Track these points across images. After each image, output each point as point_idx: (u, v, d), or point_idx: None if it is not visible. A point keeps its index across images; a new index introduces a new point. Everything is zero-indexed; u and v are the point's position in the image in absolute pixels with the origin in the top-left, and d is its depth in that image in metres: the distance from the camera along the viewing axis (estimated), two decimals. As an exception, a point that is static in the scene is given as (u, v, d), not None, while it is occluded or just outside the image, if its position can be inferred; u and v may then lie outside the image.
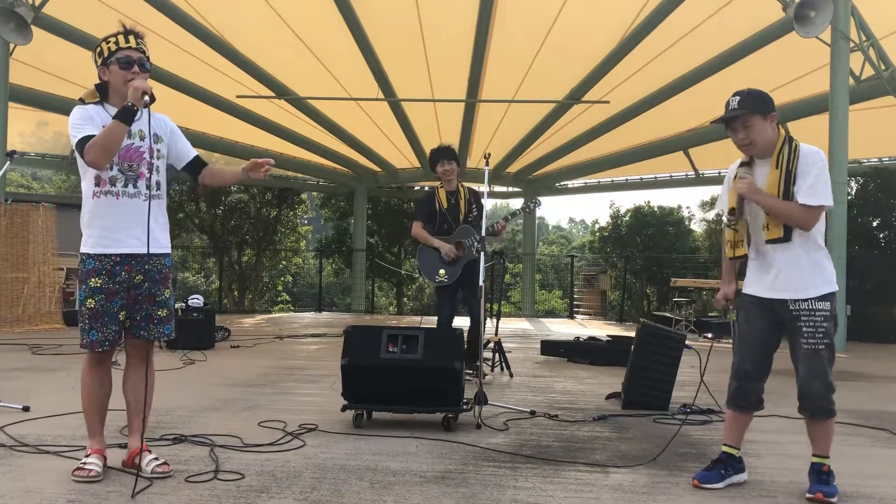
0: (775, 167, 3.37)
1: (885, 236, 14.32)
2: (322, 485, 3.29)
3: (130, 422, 3.48)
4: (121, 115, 3.19)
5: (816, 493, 3.24)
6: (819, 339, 3.30)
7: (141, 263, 3.34)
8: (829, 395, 3.32)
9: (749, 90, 3.42)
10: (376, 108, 15.79)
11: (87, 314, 3.31)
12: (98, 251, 3.29)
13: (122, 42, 3.36)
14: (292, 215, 24.02)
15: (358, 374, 4.54)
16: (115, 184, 3.30)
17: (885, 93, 12.09)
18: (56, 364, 7.09)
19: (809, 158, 3.34)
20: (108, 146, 3.20)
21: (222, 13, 12.58)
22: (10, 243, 11.05)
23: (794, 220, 3.32)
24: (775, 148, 3.40)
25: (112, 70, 3.35)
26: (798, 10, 10.18)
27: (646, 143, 17.60)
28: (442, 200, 6.43)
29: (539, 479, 3.47)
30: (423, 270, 6.53)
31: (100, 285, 3.29)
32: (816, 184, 3.30)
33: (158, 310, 3.40)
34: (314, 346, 9.94)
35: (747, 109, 3.35)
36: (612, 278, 21.75)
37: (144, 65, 3.38)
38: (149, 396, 3.41)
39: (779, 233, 3.35)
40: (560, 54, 13.48)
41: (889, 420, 5.19)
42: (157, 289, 3.39)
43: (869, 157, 16.18)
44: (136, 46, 3.38)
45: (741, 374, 3.47)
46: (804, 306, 3.32)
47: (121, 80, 3.33)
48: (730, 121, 3.40)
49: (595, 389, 6.38)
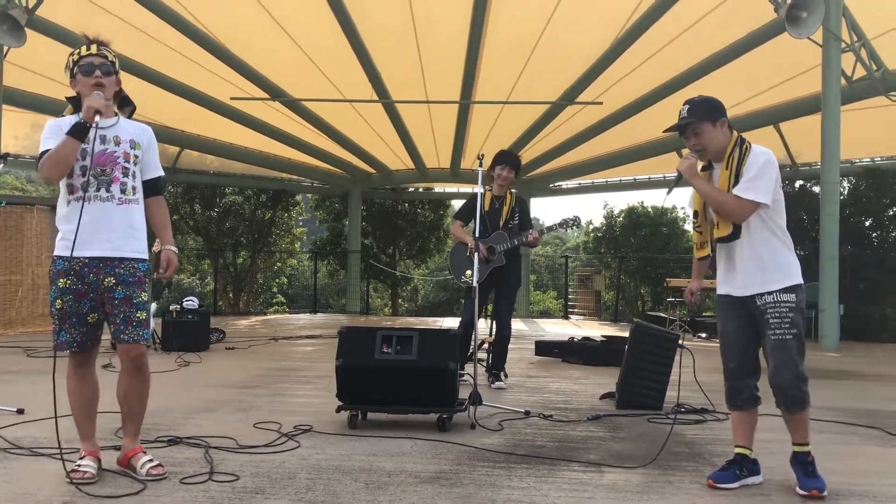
0: (725, 168, 3.50)
1: (877, 236, 14.39)
2: (317, 486, 3.30)
3: (124, 424, 3.50)
4: (73, 131, 3.23)
5: (812, 491, 3.27)
6: (786, 329, 3.35)
7: (111, 266, 3.33)
8: (800, 385, 3.34)
9: (700, 98, 3.59)
10: (370, 109, 15.79)
11: (56, 315, 3.34)
12: (67, 253, 3.28)
13: (83, 51, 3.40)
14: (287, 217, 24.00)
15: (353, 375, 4.55)
16: (88, 189, 3.30)
17: (876, 93, 12.15)
18: (50, 367, 7.06)
19: (755, 158, 3.44)
20: (59, 160, 3.24)
21: (216, 15, 12.57)
22: (4, 246, 11.03)
23: (727, 208, 3.43)
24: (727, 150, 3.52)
25: (78, 79, 3.39)
26: (790, 10, 10.23)
27: (639, 144, 17.65)
28: (485, 203, 6.41)
29: (534, 479, 3.49)
30: (452, 269, 6.71)
31: (68, 286, 3.30)
32: (756, 178, 3.39)
33: (137, 312, 3.36)
34: (309, 347, 9.94)
35: (696, 117, 3.51)
36: (606, 279, 21.79)
37: (106, 68, 3.39)
38: (137, 402, 3.43)
39: (727, 230, 3.47)
40: (553, 55, 13.51)
41: (881, 418, 5.22)
42: (132, 291, 3.36)
43: (861, 157, 16.25)
44: (98, 52, 3.40)
45: (729, 372, 3.56)
46: (769, 299, 3.39)
47: (87, 87, 3.35)
48: (681, 129, 3.57)
49: (589, 389, 6.40)
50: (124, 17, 11.92)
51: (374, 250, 24.57)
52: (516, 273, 6.53)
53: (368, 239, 24.48)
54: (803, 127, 13.71)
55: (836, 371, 8.23)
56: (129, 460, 3.38)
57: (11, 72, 12.40)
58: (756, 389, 3.54)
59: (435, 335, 4.70)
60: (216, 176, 21.10)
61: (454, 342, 4.65)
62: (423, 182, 23.07)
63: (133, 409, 3.45)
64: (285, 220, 24.02)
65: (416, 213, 25.22)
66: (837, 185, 11.27)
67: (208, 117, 15.87)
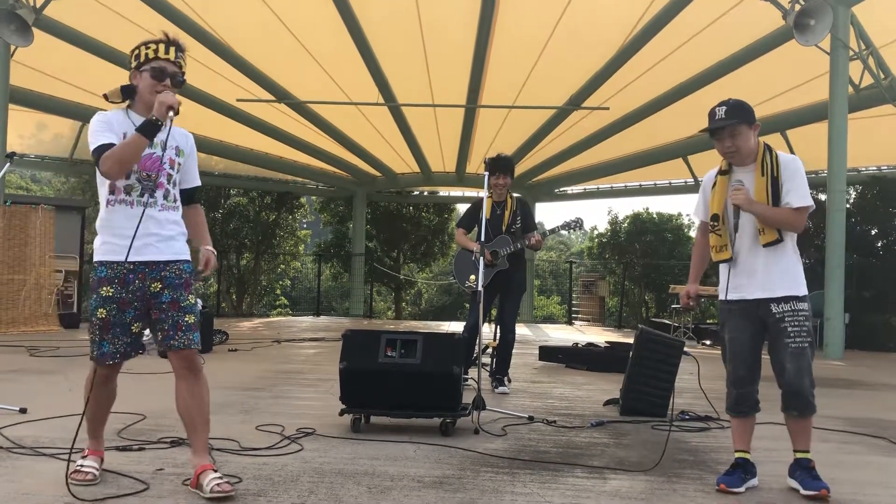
0: (761, 175, 3.52)
1: (883, 245, 14.34)
2: (319, 489, 3.28)
3: (190, 438, 3.30)
4: (143, 128, 3.08)
5: (821, 490, 3.31)
6: (804, 337, 3.43)
7: (156, 271, 3.20)
8: (813, 391, 3.46)
9: (734, 100, 3.56)
10: (376, 112, 15.81)
11: (97, 325, 3.16)
12: (110, 258, 3.15)
13: (161, 52, 3.22)
14: (291, 219, 24.04)
15: (356, 379, 4.54)
16: (131, 193, 3.18)
17: (884, 101, 12.13)
18: (53, 366, 7.08)
19: (792, 165, 3.54)
20: (125, 158, 3.09)
21: (223, 17, 12.61)
22: (9, 245, 11.05)
23: (789, 224, 3.49)
24: (757, 155, 3.55)
25: (143, 77, 3.22)
26: (798, 18, 10.21)
27: (645, 150, 17.65)
28: (486, 210, 6.40)
29: (537, 485, 3.47)
30: (455, 275, 6.73)
31: (112, 294, 3.14)
32: (803, 186, 3.49)
33: (185, 315, 3.21)
34: (312, 350, 9.93)
35: (736, 119, 3.49)
36: (610, 284, 21.77)
37: (177, 79, 3.23)
38: (198, 412, 3.25)
39: (774, 235, 3.49)
40: (560, 60, 13.51)
41: (887, 428, 5.19)
42: (179, 294, 3.22)
43: (868, 166, 16.22)
44: (174, 59, 3.24)
45: (739, 381, 3.56)
46: (787, 308, 3.44)
47: (149, 89, 3.20)
48: (718, 130, 3.53)
49: (593, 395, 6.37)
50: (131, 17, 11.96)
51: (378, 253, 24.59)
52: (521, 278, 6.53)
53: (373, 242, 24.51)
54: (810, 135, 13.69)
55: (841, 380, 8.20)
56: (199, 478, 3.11)
57: (17, 71, 12.44)
58: (758, 394, 3.59)
59: (439, 339, 4.68)
60: (221, 177, 21.14)
61: (458, 346, 4.63)
62: (428, 186, 23.08)
63: (195, 420, 3.24)
64: (290, 222, 24.07)
65: (421, 216, 25.24)
66: (844, 193, 11.25)
67: (214, 119, 15.91)
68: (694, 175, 18.40)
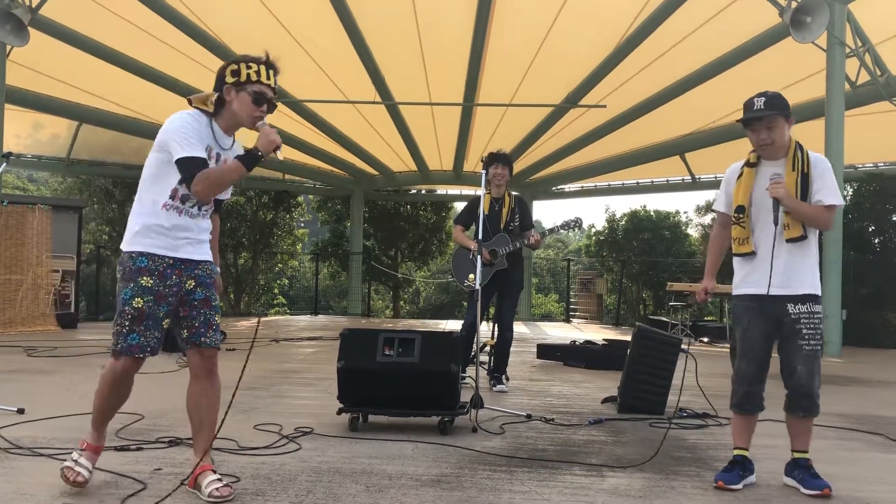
0: (791, 170, 3.51)
1: (880, 241, 14.37)
2: (317, 488, 3.28)
3: (194, 439, 3.31)
4: (247, 160, 3.09)
5: (824, 490, 3.33)
6: (817, 340, 3.45)
7: (191, 269, 3.21)
8: (819, 392, 3.49)
9: (772, 92, 3.55)
10: (373, 111, 15.80)
11: (130, 315, 3.08)
12: (154, 251, 3.12)
13: (263, 76, 3.21)
14: (289, 218, 24.01)
15: (354, 378, 4.53)
16: (186, 202, 3.17)
17: (880, 98, 12.14)
18: (51, 366, 7.07)
19: (822, 164, 3.56)
20: (222, 184, 3.12)
21: (219, 16, 12.59)
22: (5, 245, 11.04)
23: (821, 220, 3.50)
24: (788, 150, 3.53)
25: (241, 98, 3.18)
26: (794, 15, 10.23)
27: (642, 148, 17.65)
28: (485, 207, 6.38)
29: (535, 483, 3.47)
30: (454, 273, 6.70)
31: (151, 286, 3.09)
32: (834, 185, 3.52)
33: (215, 315, 3.25)
34: (310, 349, 9.93)
35: (776, 111, 3.48)
36: (608, 282, 21.80)
37: (273, 108, 3.25)
38: (208, 412, 3.27)
39: (799, 231, 3.47)
40: (557, 58, 13.52)
41: (884, 425, 5.20)
42: (210, 293, 3.26)
43: (864, 163, 16.25)
44: (273, 86, 3.24)
45: (747, 378, 3.54)
46: (804, 309, 3.44)
47: (246, 111, 3.17)
48: (755, 120, 3.49)
49: (591, 393, 6.38)
50: (127, 16, 11.94)
51: (376, 252, 24.58)
52: (519, 276, 6.53)
53: (370, 241, 24.50)
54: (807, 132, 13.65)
55: (838, 377, 8.21)
56: (197, 479, 3.11)
57: (14, 71, 12.41)
58: (763, 393, 3.59)
59: (437, 338, 4.68)
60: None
61: (456, 345, 4.63)
62: (425, 184, 23.08)
63: (204, 420, 3.26)
64: (287, 221, 24.04)
65: (419, 215, 25.24)
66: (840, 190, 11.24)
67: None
68: (691, 172, 18.38)
